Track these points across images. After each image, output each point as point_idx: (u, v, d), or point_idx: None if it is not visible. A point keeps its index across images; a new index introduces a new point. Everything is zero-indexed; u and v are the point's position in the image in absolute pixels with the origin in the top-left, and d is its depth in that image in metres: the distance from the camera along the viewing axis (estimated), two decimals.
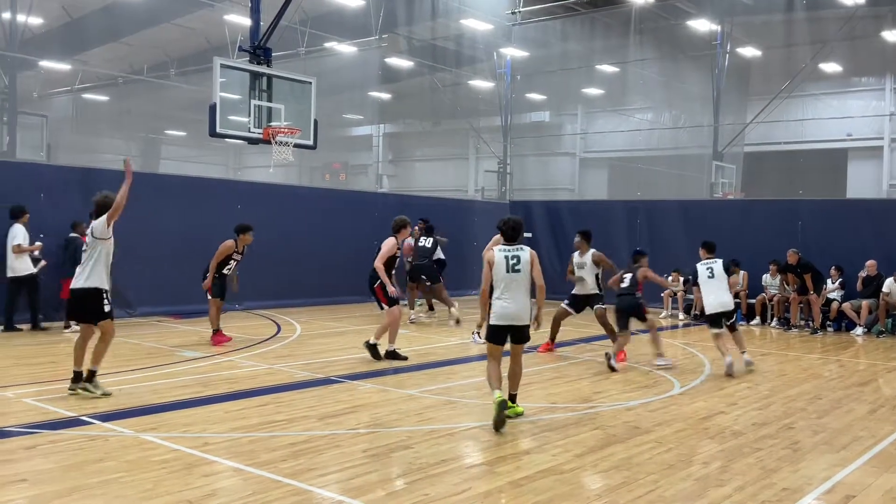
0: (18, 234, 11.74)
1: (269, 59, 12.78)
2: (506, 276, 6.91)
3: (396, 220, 10.34)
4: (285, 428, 6.63)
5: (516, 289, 6.94)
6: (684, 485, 5.38)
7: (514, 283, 6.93)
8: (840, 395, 8.68)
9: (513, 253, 7.00)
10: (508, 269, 6.93)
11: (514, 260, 6.97)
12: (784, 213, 16.60)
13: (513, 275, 6.93)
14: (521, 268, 6.97)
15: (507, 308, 6.91)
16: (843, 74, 25.46)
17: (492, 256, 6.99)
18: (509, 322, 6.90)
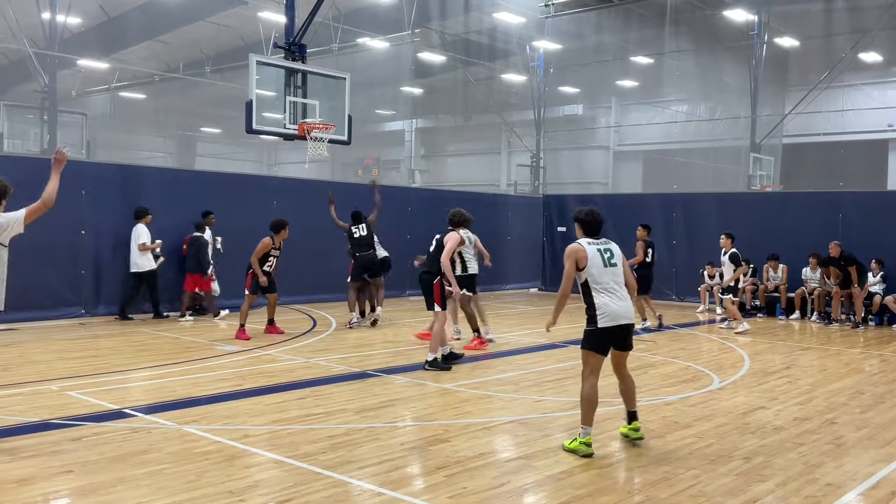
0: (143, 233, 12.98)
1: (304, 55, 12.86)
2: (606, 271, 6.20)
3: (458, 213, 9.98)
4: (324, 421, 6.68)
5: (620, 284, 6.22)
6: (726, 480, 5.32)
7: (617, 277, 6.22)
8: (883, 391, 8.52)
9: (604, 246, 6.33)
10: (606, 264, 6.19)
11: (608, 254, 6.28)
12: (824, 206, 16.30)
13: (612, 269, 6.20)
14: (617, 262, 6.27)
15: (620, 305, 6.14)
16: (884, 64, 24.93)
17: (580, 251, 6.19)
18: (624, 321, 6.14)
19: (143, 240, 12.94)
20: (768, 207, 17.18)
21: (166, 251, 13.58)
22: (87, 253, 13.01)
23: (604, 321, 6.10)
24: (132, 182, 13.79)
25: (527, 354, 10.77)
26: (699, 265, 17.09)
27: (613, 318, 6.09)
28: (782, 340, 12.60)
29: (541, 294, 20.29)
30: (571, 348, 11.12)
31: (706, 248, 16.93)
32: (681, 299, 18.04)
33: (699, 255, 16.97)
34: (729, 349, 11.42)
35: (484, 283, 18.38)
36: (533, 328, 13.50)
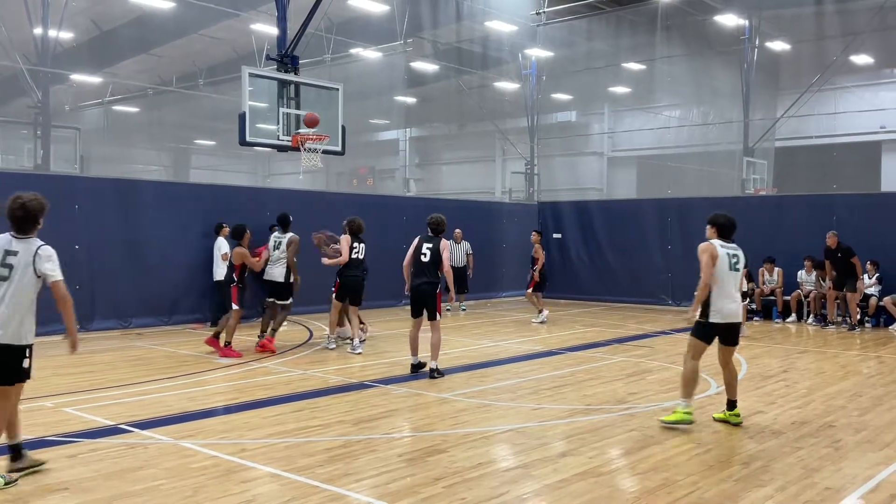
0: (223, 245, 13.72)
1: (297, 66, 12.88)
2: (730, 274, 6.91)
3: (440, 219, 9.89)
4: (321, 433, 6.66)
5: (736, 288, 6.97)
6: (725, 485, 5.31)
7: (734, 280, 6.95)
8: (881, 393, 8.52)
9: (733, 251, 7.03)
10: (730, 267, 6.92)
11: (735, 259, 7.00)
12: (818, 208, 16.35)
13: (733, 273, 6.94)
14: (740, 267, 7.02)
15: (732, 306, 6.90)
16: (875, 66, 25.02)
17: (714, 249, 6.94)
18: (733, 320, 6.90)
19: (224, 251, 13.57)
20: (763, 211, 17.21)
21: (160, 263, 13.56)
22: (81, 268, 12.95)
23: (715, 317, 6.84)
24: (126, 196, 13.77)
25: (523, 362, 10.76)
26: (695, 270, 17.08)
27: (724, 317, 6.83)
28: (779, 344, 12.61)
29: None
30: (568, 355, 11.13)
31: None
32: (677, 304, 18.05)
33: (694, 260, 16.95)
34: None
35: (480, 291, 18.46)
36: (529, 335, 13.49)
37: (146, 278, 13.61)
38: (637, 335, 13.41)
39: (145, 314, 13.64)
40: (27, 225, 5.40)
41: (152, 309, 13.68)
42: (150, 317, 13.65)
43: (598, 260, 19.67)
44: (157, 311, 13.68)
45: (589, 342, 12.54)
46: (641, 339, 12.90)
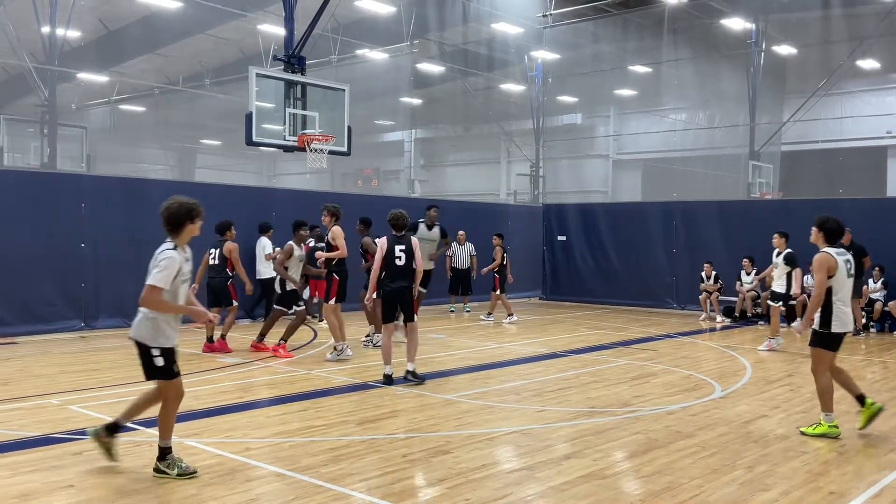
0: (268, 245, 14.40)
1: (304, 67, 12.91)
2: (847, 282, 6.77)
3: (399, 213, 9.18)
4: (325, 433, 6.67)
5: (850, 294, 6.85)
6: (729, 489, 5.31)
7: (850, 287, 6.84)
8: (885, 398, 8.49)
9: (846, 258, 6.87)
10: (847, 274, 6.78)
11: (849, 265, 6.86)
12: (824, 213, 16.25)
13: (850, 279, 6.83)
14: (853, 272, 6.91)
15: (849, 314, 6.80)
16: (882, 71, 24.98)
17: (831, 261, 6.69)
18: (850, 328, 6.82)
19: (268, 251, 14.25)
20: (768, 215, 17.18)
21: None
22: (88, 266, 13.01)
23: (837, 327, 6.73)
24: (133, 195, 13.81)
25: (528, 364, 10.76)
26: (700, 273, 17.08)
27: (844, 325, 6.74)
28: (784, 349, 12.58)
29: (542, 303, 20.27)
30: (573, 358, 11.12)
31: (707, 256, 16.93)
32: (682, 307, 18.02)
33: (700, 264, 16.96)
34: (731, 357, 11.40)
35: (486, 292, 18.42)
36: (534, 338, 13.49)
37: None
38: (641, 338, 13.40)
39: None
40: (168, 227, 5.59)
41: None
42: None
43: (603, 263, 19.65)
44: None
45: (593, 345, 12.54)
46: (646, 343, 12.89)
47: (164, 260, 5.40)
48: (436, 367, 10.15)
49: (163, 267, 5.35)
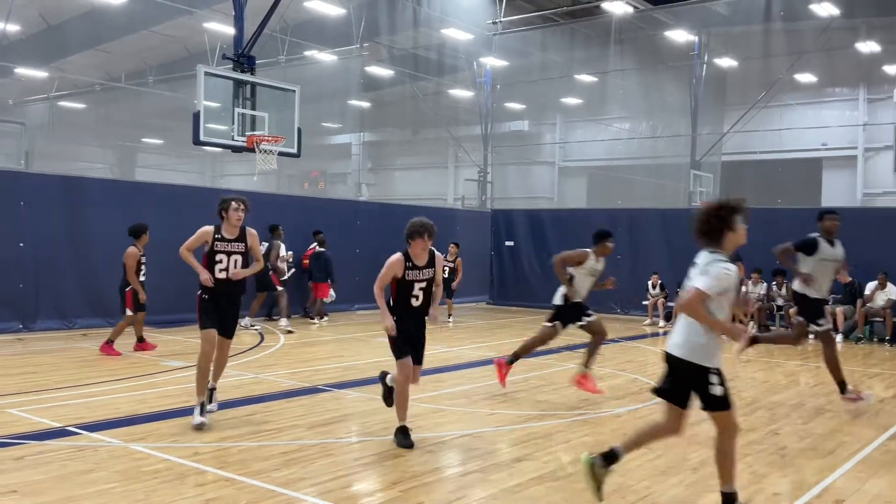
0: (281, 248, 15.03)
1: (253, 67, 12.80)
2: None
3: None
4: (275, 437, 6.60)
5: None
6: (676, 490, 5.43)
7: None
8: (823, 402, 8.79)
9: None
10: None
11: None
12: (763, 222, 16.64)
13: None
14: None
15: None
16: (818, 85, 25.83)
17: None
18: None
19: (281, 252, 14.97)
20: None
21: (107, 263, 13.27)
22: (26, 266, 12.64)
23: None
24: (73, 193, 13.47)
25: (477, 368, 10.83)
26: (644, 278, 17.41)
27: None
28: (725, 354, 12.87)
29: (489, 308, 20.39)
30: (521, 362, 11.14)
31: (650, 262, 17.28)
32: (625, 312, 18.34)
33: (643, 270, 17.30)
34: None
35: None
36: (483, 342, 13.57)
37: (92, 278, 13.30)
38: (587, 343, 13.56)
39: (91, 314, 13.34)
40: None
41: (98, 309, 13.36)
42: (96, 317, 13.34)
43: (550, 268, 19.77)
44: (103, 312, 13.35)
45: (541, 349, 12.62)
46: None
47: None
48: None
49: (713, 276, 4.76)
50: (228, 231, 7.09)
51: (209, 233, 7.07)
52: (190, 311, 13.35)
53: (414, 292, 6.48)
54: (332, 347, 12.33)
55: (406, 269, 6.43)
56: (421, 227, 6.45)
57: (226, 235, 7.07)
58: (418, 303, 6.52)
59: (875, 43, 22.82)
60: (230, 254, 7.05)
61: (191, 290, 12.22)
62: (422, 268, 6.49)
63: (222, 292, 7.02)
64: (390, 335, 6.45)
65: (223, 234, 7.06)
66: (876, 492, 5.52)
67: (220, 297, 7.02)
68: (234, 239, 7.10)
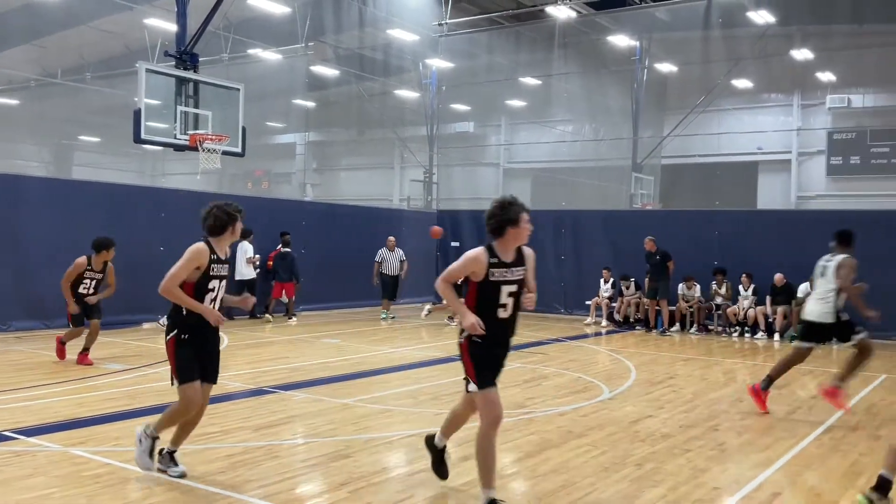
0: (249, 249, 15.47)
1: (196, 64, 12.61)
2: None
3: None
4: (220, 440, 6.52)
5: None
6: (620, 486, 5.54)
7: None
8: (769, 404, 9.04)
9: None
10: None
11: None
12: (701, 223, 17.22)
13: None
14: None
15: None
16: (755, 90, 26.56)
17: None
18: None
19: (249, 254, 15.38)
20: (650, 225, 17.97)
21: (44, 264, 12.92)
22: None
23: None
24: (6, 192, 13.05)
25: (424, 368, 10.85)
26: (589, 278, 17.68)
27: None
28: (665, 352, 13.20)
29: (435, 308, 20.41)
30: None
31: (594, 263, 17.55)
32: (569, 312, 18.58)
33: (586, 270, 17.58)
34: (617, 360, 11.86)
35: (378, 297, 18.42)
36: (429, 342, 13.60)
37: (27, 279, 12.91)
38: (532, 342, 13.74)
39: (26, 317, 12.96)
40: None
41: (34, 312, 12.98)
42: (32, 320, 12.96)
43: None
44: (39, 314, 12.99)
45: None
46: (536, 346, 13.22)
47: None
48: (331, 371, 10.09)
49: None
50: (222, 250, 5.58)
51: (205, 254, 5.43)
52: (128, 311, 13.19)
53: (501, 299, 4.91)
54: (277, 349, 12.22)
55: (490, 266, 4.85)
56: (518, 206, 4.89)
57: (220, 256, 5.55)
58: (506, 314, 4.96)
59: (809, 50, 23.56)
60: (222, 279, 5.58)
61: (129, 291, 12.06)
62: (510, 265, 4.90)
63: (208, 327, 5.57)
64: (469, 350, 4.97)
65: (218, 254, 5.53)
66: (811, 484, 5.73)
67: (206, 334, 5.61)
68: (226, 260, 5.66)
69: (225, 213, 5.55)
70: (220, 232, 5.53)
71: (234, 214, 5.57)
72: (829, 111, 25.19)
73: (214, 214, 5.54)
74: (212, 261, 5.43)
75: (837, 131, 25.15)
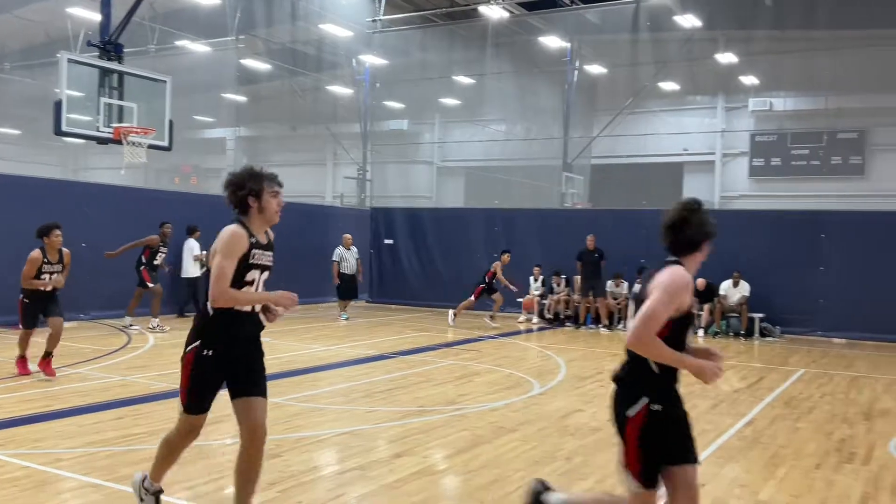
0: (195, 246, 15.23)
1: (121, 55, 12.26)
2: None
3: None
4: (145, 441, 6.35)
5: None
6: (550, 479, 5.59)
7: None
8: (685, 392, 9.21)
9: None
10: None
11: None
12: (629, 223, 17.57)
13: None
14: None
15: None
16: (681, 93, 27.26)
17: None
18: None
19: (196, 252, 15.13)
20: (580, 224, 18.26)
21: None
22: None
23: None
24: None
25: (356, 366, 10.79)
26: (519, 278, 17.84)
27: None
28: (592, 348, 13.44)
29: (368, 306, 20.33)
30: (400, 359, 11.28)
31: (526, 261, 17.72)
32: (501, 310, 18.70)
33: (520, 268, 17.74)
34: (547, 357, 12.02)
35: (312, 295, 18.24)
36: (362, 340, 13.53)
37: None
38: (465, 339, 13.82)
39: None
40: None
41: None
42: None
43: (428, 266, 20.05)
44: None
45: (420, 346, 12.77)
46: (469, 344, 13.30)
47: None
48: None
49: None
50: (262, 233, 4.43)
51: (244, 238, 4.29)
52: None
53: (687, 335, 3.79)
54: None
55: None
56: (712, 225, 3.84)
57: (261, 241, 4.40)
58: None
59: (733, 54, 24.29)
60: (264, 269, 4.43)
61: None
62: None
63: (245, 337, 4.43)
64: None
65: (258, 238, 4.37)
66: (733, 476, 5.91)
67: (242, 346, 4.47)
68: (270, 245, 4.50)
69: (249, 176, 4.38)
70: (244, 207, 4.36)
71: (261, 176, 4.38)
72: (752, 114, 26.05)
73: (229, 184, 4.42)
74: (252, 245, 4.30)
75: (759, 133, 26.03)
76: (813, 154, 24.86)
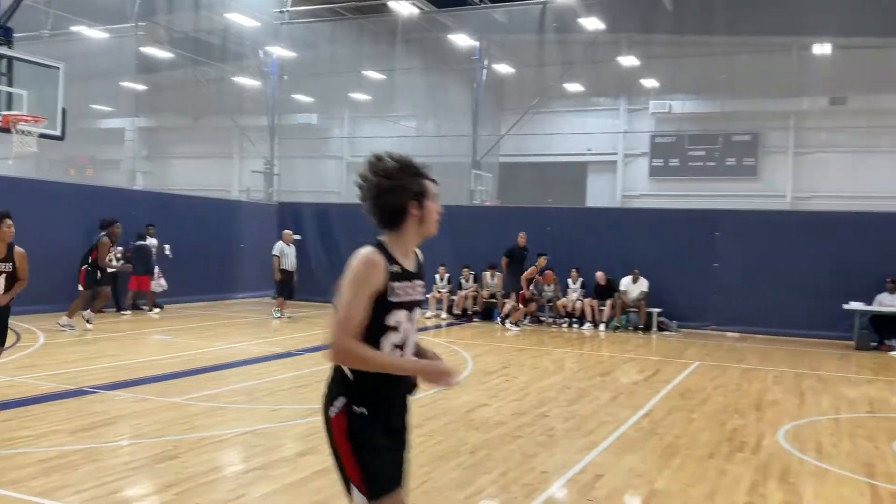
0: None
1: (10, 39, 11.65)
2: None
3: None
4: (33, 444, 6.06)
5: None
6: (454, 474, 5.66)
7: None
8: (586, 385, 9.55)
9: None
10: None
11: None
12: (535, 220, 17.90)
13: None
14: None
15: None
16: (585, 94, 27.88)
17: None
18: None
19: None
20: (488, 220, 18.49)
21: None
22: None
23: None
24: None
25: (262, 364, 10.59)
26: (431, 272, 17.91)
27: None
28: (499, 343, 13.62)
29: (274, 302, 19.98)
30: (308, 356, 11.13)
31: (434, 257, 17.79)
32: None
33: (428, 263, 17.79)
34: (454, 352, 12.10)
35: (215, 291, 17.82)
36: (267, 337, 13.29)
37: None
38: None
39: None
40: None
41: None
42: None
43: (338, 263, 19.70)
44: None
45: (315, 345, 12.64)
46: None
47: None
48: (161, 370, 9.62)
49: None
50: (410, 255, 3.41)
51: (380, 266, 3.20)
52: None
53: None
54: (99, 347, 11.50)
55: None
56: None
57: (407, 267, 3.34)
58: None
59: (635, 57, 24.99)
60: (413, 306, 3.29)
61: None
62: None
63: (399, 396, 3.26)
64: None
65: (403, 265, 3.30)
66: (630, 465, 6.09)
67: (397, 408, 3.29)
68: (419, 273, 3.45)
69: (405, 170, 3.21)
70: (399, 218, 3.22)
71: (420, 171, 3.27)
72: (653, 116, 26.89)
73: (378, 187, 3.22)
74: (391, 276, 3.16)
75: (659, 135, 26.90)
76: (709, 155, 25.86)
